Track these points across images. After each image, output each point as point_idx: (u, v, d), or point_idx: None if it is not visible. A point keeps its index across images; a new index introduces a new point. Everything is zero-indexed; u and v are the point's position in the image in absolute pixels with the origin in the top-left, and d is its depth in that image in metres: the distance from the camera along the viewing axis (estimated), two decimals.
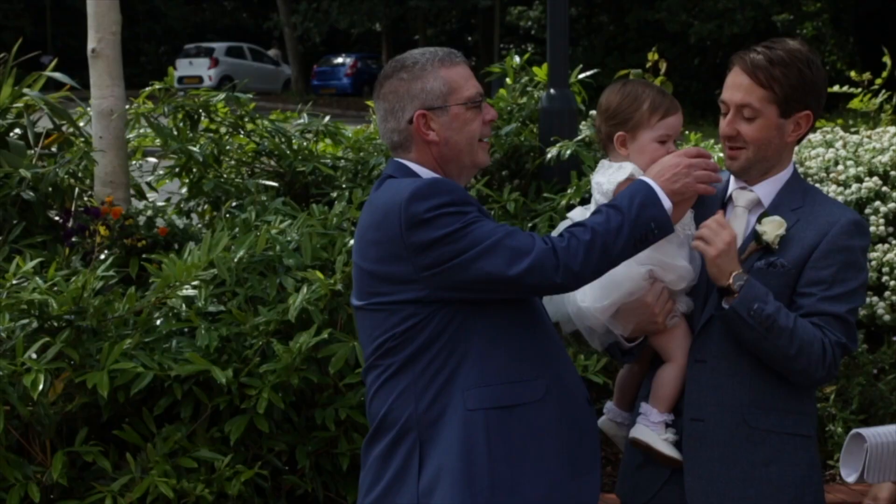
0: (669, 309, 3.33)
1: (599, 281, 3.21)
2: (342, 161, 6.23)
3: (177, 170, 5.99)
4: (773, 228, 3.25)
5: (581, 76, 6.56)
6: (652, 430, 3.34)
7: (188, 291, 4.64)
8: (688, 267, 3.32)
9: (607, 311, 3.32)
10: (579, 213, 3.47)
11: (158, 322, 4.69)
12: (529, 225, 5.78)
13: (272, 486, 4.62)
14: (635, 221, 3.05)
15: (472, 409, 3.03)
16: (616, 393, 3.63)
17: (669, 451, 3.32)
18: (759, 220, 3.29)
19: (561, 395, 3.15)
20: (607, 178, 3.36)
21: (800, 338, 3.15)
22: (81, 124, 5.97)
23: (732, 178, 3.42)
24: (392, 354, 3.10)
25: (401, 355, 3.08)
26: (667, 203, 3.11)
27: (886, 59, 7.20)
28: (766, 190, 3.35)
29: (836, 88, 7.17)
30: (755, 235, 3.28)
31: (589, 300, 3.34)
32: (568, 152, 5.75)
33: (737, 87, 3.28)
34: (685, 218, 3.32)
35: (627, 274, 3.28)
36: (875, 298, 5.87)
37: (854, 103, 7.13)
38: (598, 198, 3.37)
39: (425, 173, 3.16)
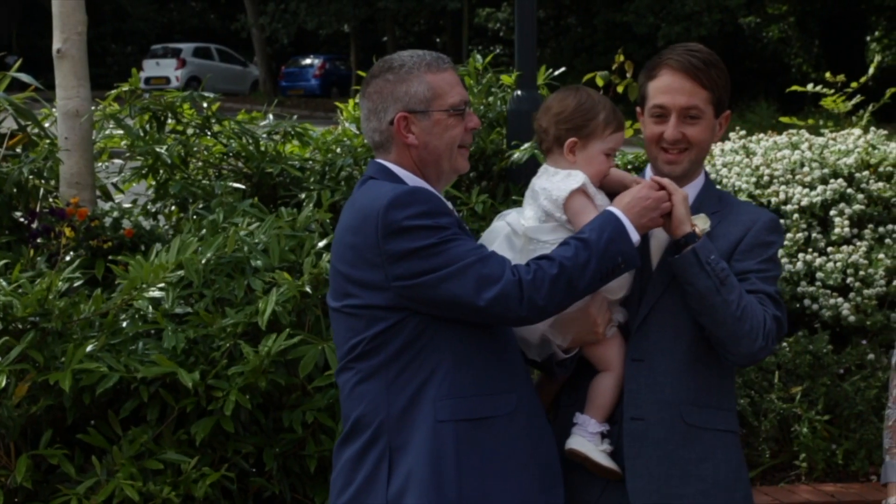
0: (608, 319, 3.32)
1: None
2: (310, 162, 6.22)
3: (143, 171, 5.96)
4: (700, 222, 3.28)
5: (550, 76, 6.57)
6: (589, 441, 3.31)
7: (155, 293, 4.61)
8: (626, 275, 3.30)
9: (548, 322, 3.28)
10: (515, 218, 3.41)
11: (124, 324, 4.66)
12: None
13: (239, 488, 4.60)
14: (603, 255, 3.06)
15: (442, 421, 3.03)
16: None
17: (607, 462, 3.30)
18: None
19: (530, 409, 3.16)
20: (555, 185, 3.32)
21: (746, 300, 3.19)
22: (47, 125, 5.92)
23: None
24: (365, 359, 3.10)
25: (373, 360, 3.08)
26: (635, 237, 3.13)
27: (873, 66, 7.27)
28: (688, 193, 3.37)
29: (810, 88, 7.23)
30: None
31: None
32: (526, 156, 5.74)
33: (678, 90, 3.31)
34: None
35: None
36: (840, 300, 5.92)
37: (826, 102, 7.19)
38: (545, 204, 3.32)
39: (405, 175, 3.17)
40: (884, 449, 3.55)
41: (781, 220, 6.06)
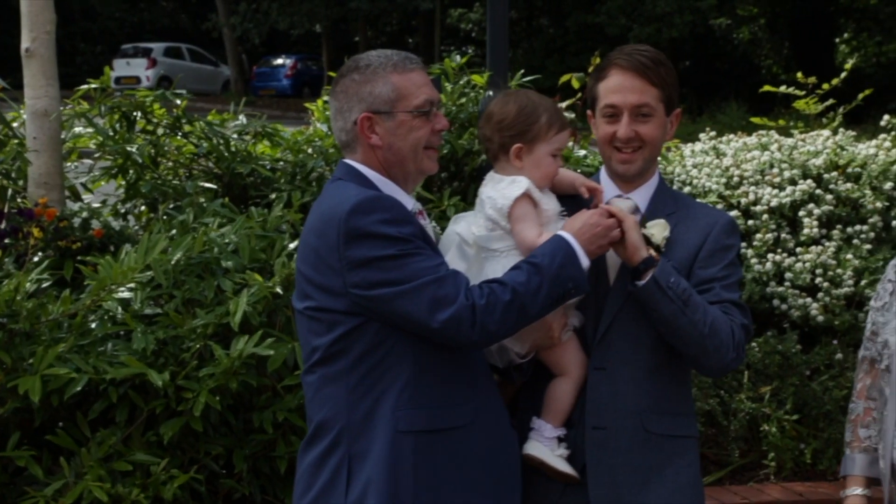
0: (564, 323, 3.31)
1: None
2: (281, 163, 6.19)
3: (113, 171, 5.92)
4: (659, 230, 3.29)
5: (522, 80, 6.58)
6: (545, 446, 3.31)
7: (124, 294, 4.59)
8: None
9: None
10: (464, 227, 3.38)
11: (93, 325, 4.63)
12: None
13: (209, 489, 4.58)
14: (554, 281, 3.07)
15: (402, 431, 3.04)
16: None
17: (563, 466, 3.31)
18: (642, 225, 3.32)
19: (488, 420, 3.16)
20: (500, 192, 3.31)
21: (711, 315, 3.21)
22: (15, 125, 5.88)
23: (605, 186, 3.44)
24: (326, 363, 3.09)
25: (335, 366, 3.08)
26: (585, 262, 3.14)
27: (847, 69, 7.31)
28: (641, 196, 3.41)
29: (783, 89, 7.27)
30: (645, 239, 3.28)
31: None
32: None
33: (629, 89, 3.32)
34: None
35: None
36: (809, 300, 5.96)
37: (799, 104, 7.23)
38: (491, 213, 3.31)
39: (372, 175, 3.16)
40: (845, 442, 3.58)
41: (751, 221, 6.10)
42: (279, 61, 39.61)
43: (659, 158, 3.53)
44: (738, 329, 3.25)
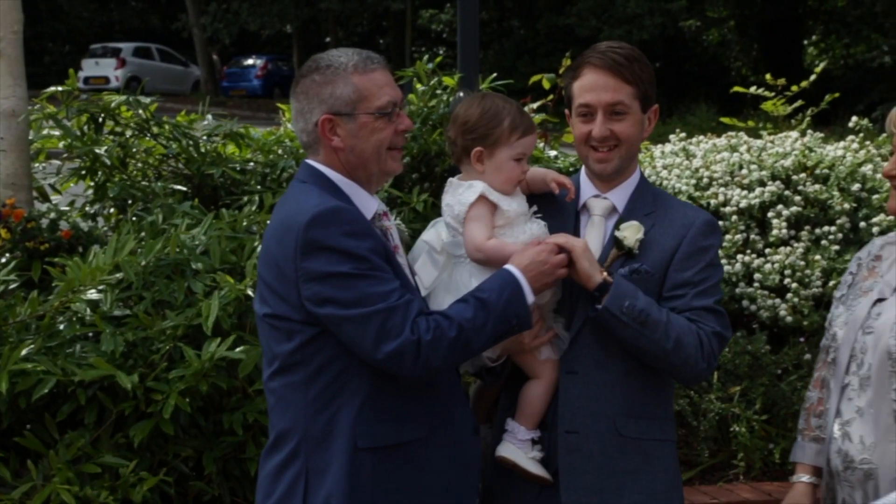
0: (538, 330, 3.29)
1: None
2: (251, 164, 6.17)
3: (82, 172, 5.89)
4: (632, 233, 3.27)
5: (493, 84, 6.58)
6: (519, 448, 3.31)
7: (93, 295, 4.56)
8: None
9: None
10: (433, 235, 3.40)
11: (62, 326, 4.60)
12: None
13: (178, 492, 4.56)
14: (500, 317, 3.05)
15: (362, 449, 3.02)
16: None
17: (536, 469, 3.30)
18: (616, 227, 3.31)
19: (447, 431, 3.14)
20: (457, 199, 3.31)
21: (675, 330, 3.18)
22: None
23: (584, 185, 3.43)
24: (286, 373, 3.07)
25: (294, 376, 3.05)
26: (530, 298, 3.12)
27: (817, 71, 7.35)
28: (620, 195, 3.39)
29: (752, 90, 7.31)
30: (615, 241, 3.29)
31: None
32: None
33: (602, 87, 3.31)
34: (541, 231, 3.32)
35: None
36: (778, 300, 5.99)
37: (767, 106, 7.27)
38: (449, 220, 3.32)
39: (335, 177, 3.13)
40: (798, 429, 3.59)
41: (721, 222, 6.12)
42: (249, 62, 39.46)
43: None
44: (709, 337, 3.22)
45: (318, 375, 3.03)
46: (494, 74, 6.74)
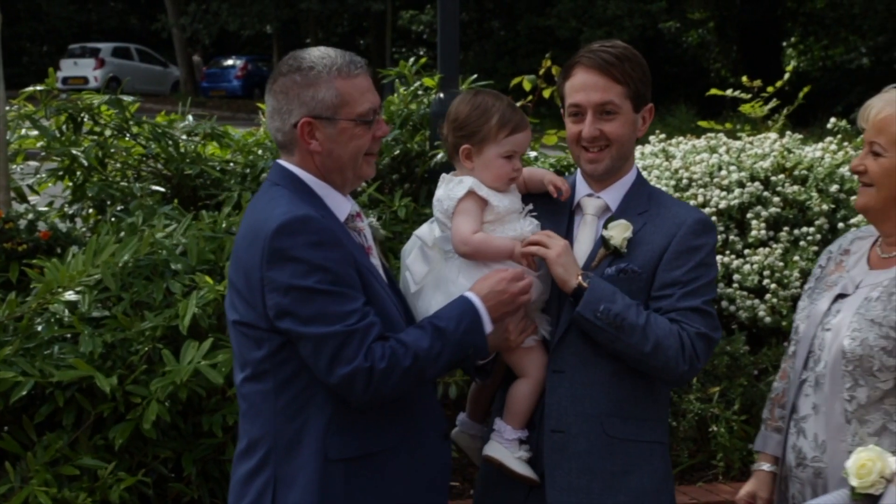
0: (524, 327, 3.29)
1: (451, 299, 3.20)
2: (231, 164, 6.16)
3: (60, 173, 5.86)
4: (619, 232, 3.26)
5: (473, 85, 6.58)
6: (505, 448, 3.30)
7: (71, 296, 4.54)
8: (531, 278, 3.27)
9: None
10: (426, 231, 3.40)
11: (40, 328, 4.58)
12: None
13: (157, 493, 4.54)
14: (456, 347, 3.03)
15: (332, 460, 2.99)
16: (469, 405, 3.58)
17: (522, 469, 3.29)
18: (605, 226, 3.30)
19: (417, 438, 3.11)
20: (447, 194, 3.31)
21: (654, 334, 3.15)
22: None
23: (579, 185, 3.42)
24: (256, 380, 3.04)
25: (264, 385, 3.02)
26: (488, 328, 3.10)
27: (788, 71, 7.39)
28: (614, 195, 3.37)
29: (729, 92, 7.33)
30: (602, 240, 3.28)
31: None
32: (446, 154, 5.73)
33: (592, 87, 3.29)
34: (532, 229, 3.32)
35: None
36: (756, 301, 6.01)
37: (745, 108, 7.30)
38: (439, 215, 3.32)
39: (309, 179, 3.08)
40: (763, 419, 3.58)
41: None
42: (229, 62, 39.39)
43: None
44: (692, 338, 3.19)
45: (287, 385, 2.99)
46: (475, 76, 6.74)
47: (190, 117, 6.46)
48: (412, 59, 6.73)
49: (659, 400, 3.35)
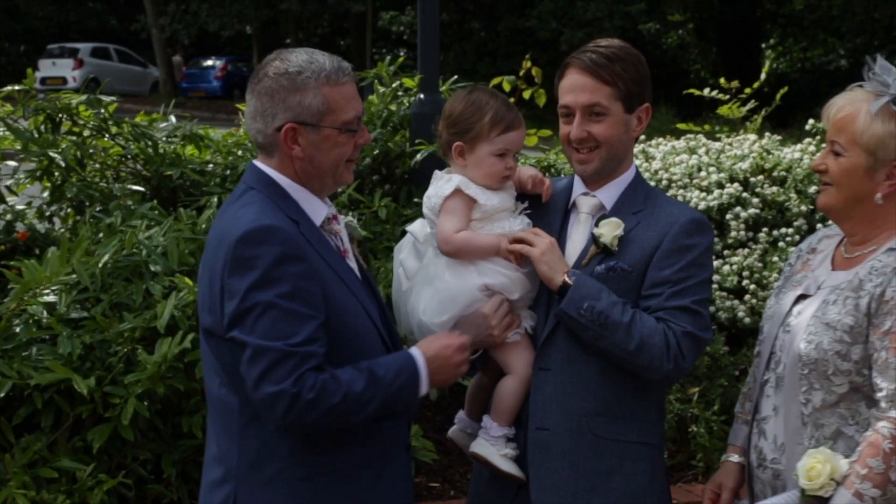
0: (508, 323, 3.30)
1: (438, 295, 3.24)
2: (211, 165, 6.14)
3: (38, 173, 5.83)
4: (609, 230, 3.25)
5: (453, 86, 6.58)
6: (492, 445, 3.30)
7: (49, 298, 4.52)
8: (518, 275, 3.30)
9: (446, 325, 3.28)
10: (418, 227, 3.42)
11: (18, 329, 4.55)
12: (401, 229, 5.78)
13: (137, 495, 4.53)
14: (388, 400, 2.97)
15: (301, 479, 2.96)
16: (467, 403, 3.58)
17: (507, 466, 3.29)
18: (596, 224, 3.29)
19: (382, 452, 3.08)
20: (435, 191, 3.32)
21: (639, 332, 3.14)
22: None
23: (575, 183, 3.42)
24: (225, 390, 3.01)
25: (231, 397, 2.99)
26: (423, 390, 3.05)
27: (764, 72, 7.42)
28: (609, 194, 3.35)
29: (707, 93, 7.36)
30: (593, 238, 3.27)
31: (428, 315, 3.31)
32: (426, 154, 5.73)
33: (580, 88, 3.28)
34: (522, 227, 3.33)
35: (461, 287, 3.28)
36: (735, 302, 6.03)
37: (722, 110, 7.32)
38: (427, 212, 3.33)
39: (286, 183, 3.05)
40: (735, 412, 3.58)
41: None
42: (209, 63, 39.27)
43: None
44: (676, 338, 3.16)
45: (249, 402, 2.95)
46: (455, 77, 6.74)
47: (172, 118, 6.43)
48: (388, 59, 6.72)
49: (649, 400, 3.32)
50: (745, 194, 6.25)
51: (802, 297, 3.30)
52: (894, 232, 3.20)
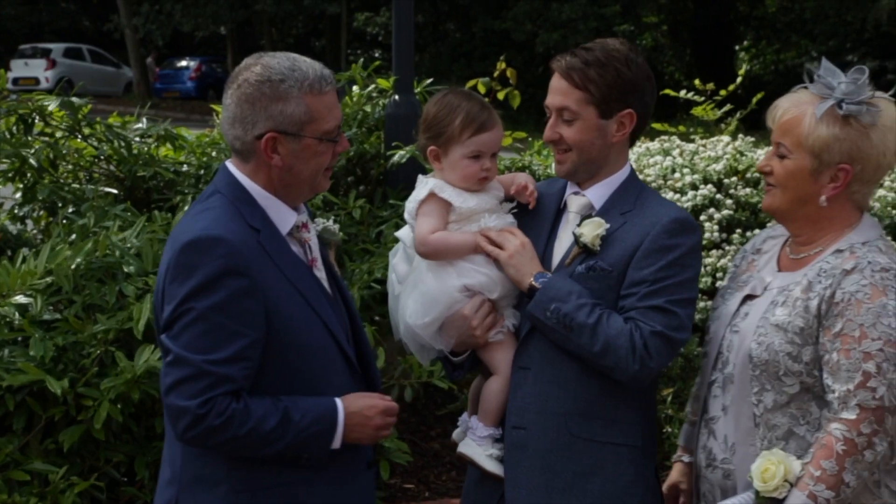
0: (490, 323, 3.30)
1: (421, 298, 3.25)
2: (185, 166, 6.12)
3: (10, 174, 5.79)
4: (590, 230, 3.24)
5: (428, 88, 6.58)
6: (478, 445, 3.32)
7: (22, 299, 4.49)
8: (499, 274, 3.30)
9: (429, 327, 3.30)
10: (406, 232, 3.43)
11: None
12: (376, 231, 5.78)
13: (109, 498, 4.50)
14: (295, 444, 2.92)
15: (239, 491, 2.94)
16: (470, 404, 3.57)
17: (492, 467, 3.30)
18: (579, 223, 3.28)
19: (335, 468, 3.04)
20: (413, 196, 3.34)
21: (604, 333, 3.13)
22: None
23: (569, 183, 3.41)
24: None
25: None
26: (336, 444, 2.99)
27: (741, 74, 7.44)
28: (599, 193, 3.33)
29: (682, 94, 7.38)
30: (575, 238, 3.27)
31: (413, 318, 3.32)
32: (405, 157, 5.74)
33: (555, 90, 3.28)
34: (501, 226, 3.34)
35: (442, 288, 3.29)
36: (709, 303, 6.05)
37: (697, 111, 7.34)
38: (407, 217, 3.35)
39: (256, 191, 3.01)
40: (686, 413, 3.59)
41: None
42: (183, 63, 39.12)
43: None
44: (643, 338, 3.13)
45: None
46: (430, 80, 6.74)
47: (144, 120, 6.40)
48: (361, 61, 6.72)
49: (632, 402, 3.28)
50: (718, 196, 6.27)
51: (749, 297, 3.30)
52: (839, 234, 3.21)
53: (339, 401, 3.00)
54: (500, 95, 6.49)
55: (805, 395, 3.13)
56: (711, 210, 6.22)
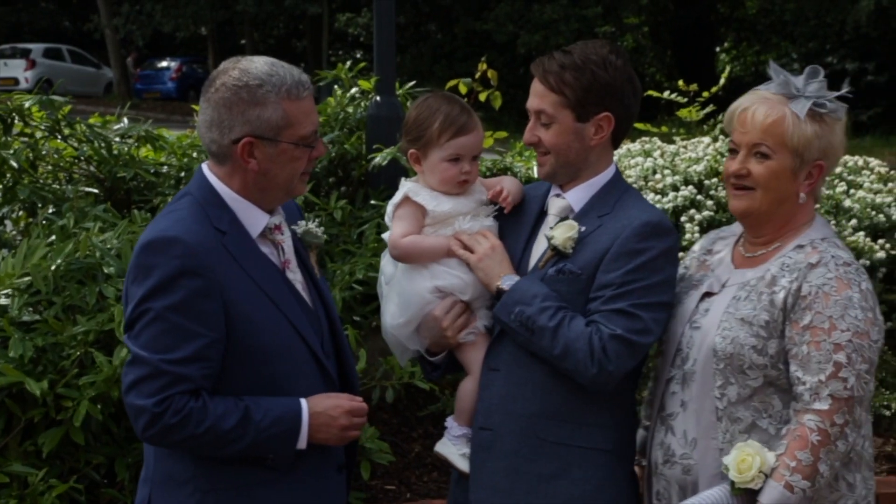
0: (462, 324, 3.32)
1: (397, 299, 3.28)
2: (165, 167, 6.10)
3: None
4: (561, 232, 3.24)
5: (410, 90, 6.57)
6: (453, 445, 3.35)
7: (1, 300, 4.46)
8: (471, 276, 3.31)
9: (405, 327, 3.33)
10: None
11: None
12: (357, 232, 5.77)
13: (89, 499, 4.49)
14: (257, 444, 2.92)
15: (206, 491, 2.95)
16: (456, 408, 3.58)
17: (464, 466, 3.33)
18: (552, 226, 3.29)
19: (303, 470, 3.03)
20: (391, 199, 3.37)
21: (564, 337, 3.12)
22: None
23: (552, 185, 3.41)
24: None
25: None
26: (301, 445, 2.99)
27: (724, 76, 7.46)
28: (578, 196, 3.33)
29: (665, 95, 7.40)
30: (547, 241, 3.27)
31: (390, 319, 3.35)
32: (387, 159, 5.73)
33: (534, 93, 3.29)
34: (466, 227, 3.36)
35: (415, 290, 3.31)
36: None
37: (682, 112, 7.36)
38: (387, 221, 3.38)
39: (229, 196, 3.02)
40: (641, 418, 3.59)
41: None
42: (164, 64, 39.01)
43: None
44: (602, 341, 3.11)
45: None
46: (413, 82, 6.74)
47: (125, 119, 6.38)
48: (349, 63, 6.71)
49: (604, 405, 3.26)
50: (699, 197, 6.28)
51: (708, 294, 3.31)
52: (797, 231, 3.25)
53: (304, 401, 3.00)
54: (482, 96, 6.49)
55: (768, 388, 3.16)
56: (692, 211, 6.23)
